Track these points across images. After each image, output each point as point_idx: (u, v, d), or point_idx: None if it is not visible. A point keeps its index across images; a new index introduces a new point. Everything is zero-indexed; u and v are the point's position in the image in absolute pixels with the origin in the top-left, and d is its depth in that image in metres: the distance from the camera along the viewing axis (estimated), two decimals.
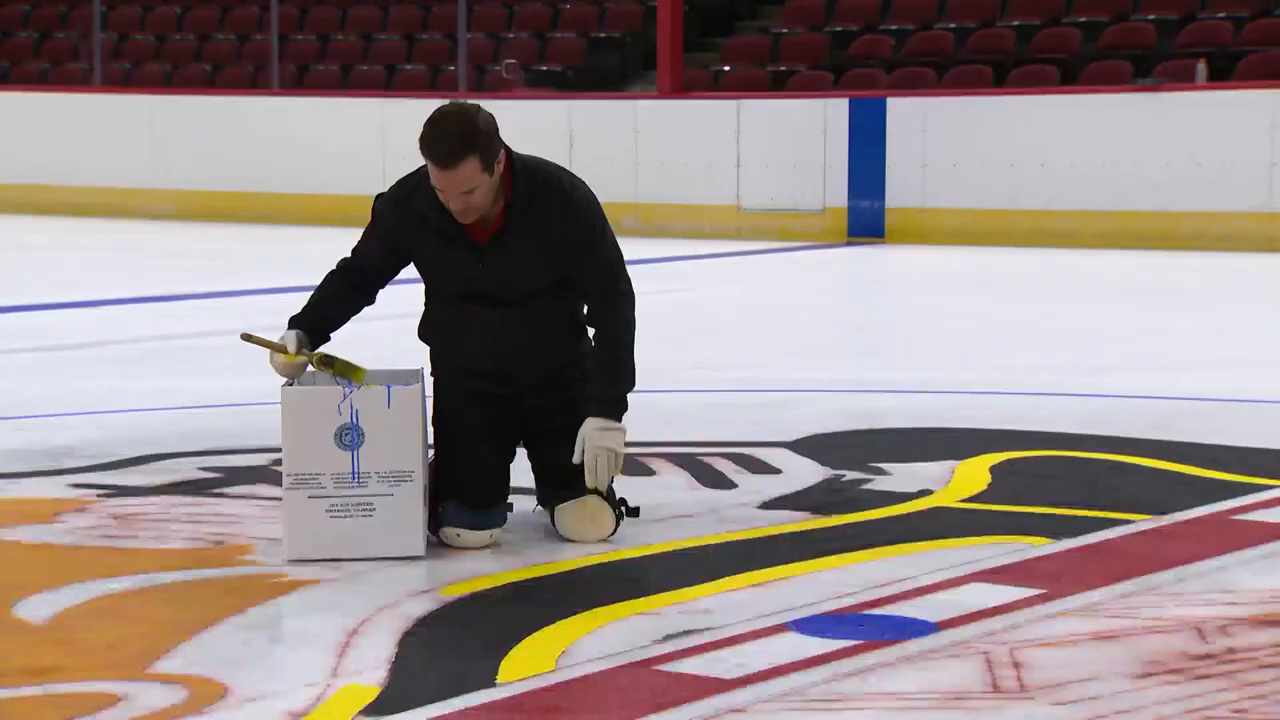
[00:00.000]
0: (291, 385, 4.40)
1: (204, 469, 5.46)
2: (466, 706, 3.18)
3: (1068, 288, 11.82)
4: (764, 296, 11.57)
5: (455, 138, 4.13)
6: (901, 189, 15.10)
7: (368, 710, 3.17)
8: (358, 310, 4.52)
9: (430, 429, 4.49)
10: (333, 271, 4.53)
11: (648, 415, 6.32)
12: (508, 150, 4.29)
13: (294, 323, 4.40)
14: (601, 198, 4.51)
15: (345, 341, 4.49)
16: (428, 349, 4.58)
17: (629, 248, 4.71)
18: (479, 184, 4.15)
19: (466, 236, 4.32)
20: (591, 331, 4.49)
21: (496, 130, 4.23)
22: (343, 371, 4.19)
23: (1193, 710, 3.14)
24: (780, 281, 12.67)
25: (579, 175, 4.47)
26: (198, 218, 17.85)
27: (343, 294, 4.46)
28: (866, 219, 15.26)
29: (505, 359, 4.44)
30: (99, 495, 5.08)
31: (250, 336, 4.30)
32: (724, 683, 3.31)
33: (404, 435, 4.28)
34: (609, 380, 4.35)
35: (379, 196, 4.47)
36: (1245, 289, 11.83)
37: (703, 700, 3.21)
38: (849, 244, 15.13)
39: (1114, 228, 14.36)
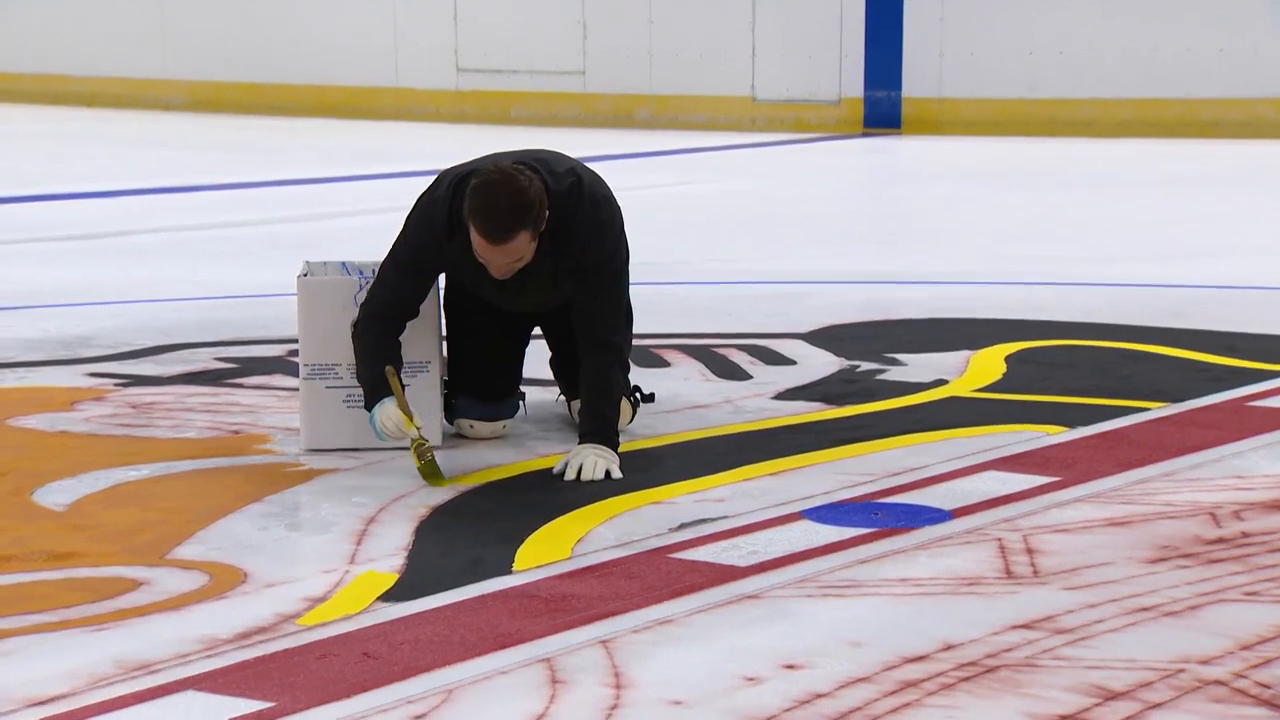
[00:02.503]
0: (307, 276, 4.40)
1: (220, 359, 5.48)
2: (483, 593, 3.21)
3: (1085, 177, 11.76)
4: (779, 188, 11.53)
5: (509, 214, 3.92)
6: (918, 78, 14.98)
7: (385, 596, 3.20)
8: None
9: (444, 321, 4.49)
10: (377, 325, 4.17)
11: (663, 307, 6.33)
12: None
13: (382, 389, 4.12)
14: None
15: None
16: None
17: (643, 140, 4.68)
18: (526, 253, 4.02)
19: (491, 277, 4.20)
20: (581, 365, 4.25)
21: (545, 195, 4.02)
22: (427, 469, 4.01)
23: (1205, 594, 3.16)
24: (795, 173, 12.61)
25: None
26: (210, 109, 17.78)
27: (398, 345, 4.22)
28: (883, 109, 15.15)
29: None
30: (116, 384, 5.10)
31: (394, 376, 4.12)
32: (738, 570, 3.33)
33: (420, 327, 4.28)
34: (597, 423, 4.14)
35: (413, 215, 4.21)
36: (1264, 176, 11.76)
37: (717, 587, 3.23)
38: (865, 135, 15.04)
39: (1133, 116, 14.25)
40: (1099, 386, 4.99)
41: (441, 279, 4.38)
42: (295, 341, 4.43)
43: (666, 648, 2.92)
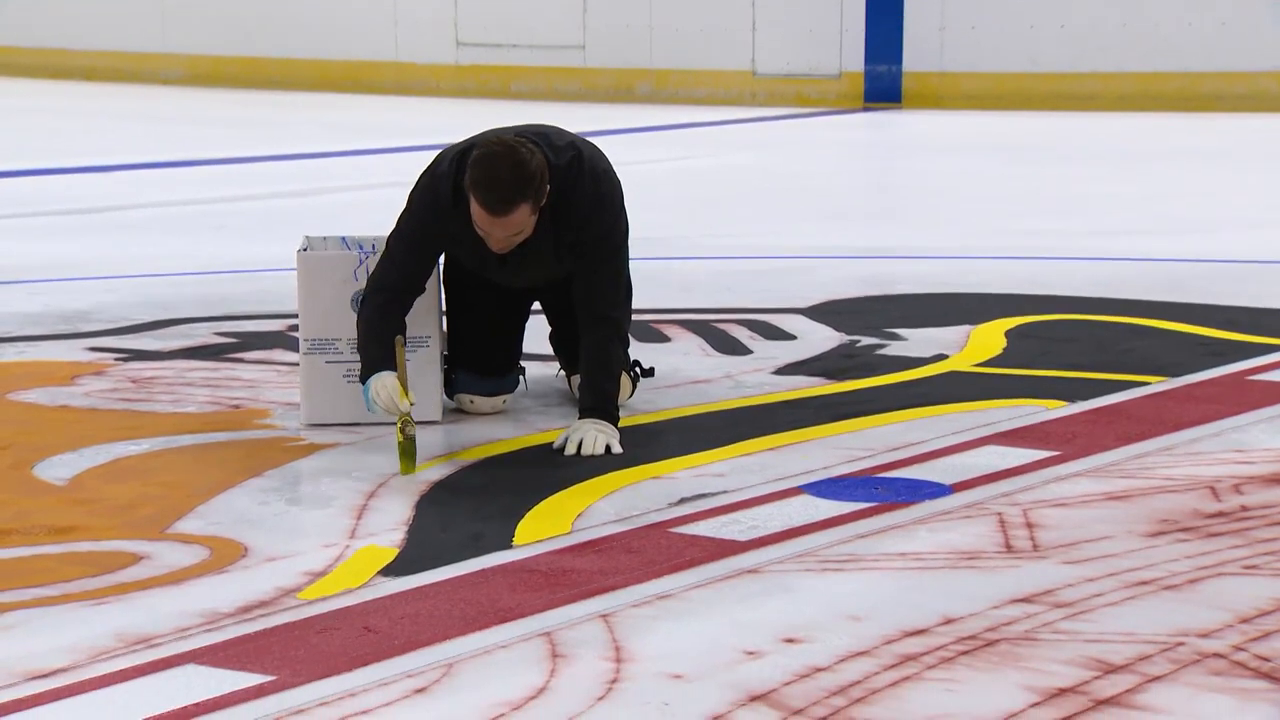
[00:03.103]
0: (307, 251, 4.40)
1: (220, 334, 5.48)
2: (483, 568, 3.21)
3: (1086, 151, 11.74)
4: (779, 163, 11.52)
5: (510, 185, 3.90)
6: (919, 53, 14.96)
7: (386, 571, 3.21)
8: None
9: (444, 297, 4.49)
10: (384, 305, 4.14)
11: (663, 282, 6.33)
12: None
13: (379, 365, 4.08)
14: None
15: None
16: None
17: (643, 115, 4.67)
18: (526, 226, 4.01)
19: (491, 252, 4.19)
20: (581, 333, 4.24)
21: (546, 168, 4.01)
22: (406, 447, 3.93)
23: (1204, 567, 3.16)
24: (796, 147, 12.60)
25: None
26: (208, 84, 17.75)
27: (404, 324, 4.19)
28: (883, 84, 15.13)
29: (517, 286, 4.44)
30: (116, 359, 5.10)
31: (401, 346, 4.09)
32: (738, 544, 3.34)
33: (420, 302, 4.27)
34: (597, 398, 4.14)
35: (416, 192, 4.20)
36: (1265, 150, 11.76)
37: (717, 561, 3.23)
38: (865, 109, 15.02)
39: (1134, 90, 14.23)
40: (1099, 361, 4.99)
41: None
42: (295, 316, 4.43)
43: (666, 622, 2.93)
